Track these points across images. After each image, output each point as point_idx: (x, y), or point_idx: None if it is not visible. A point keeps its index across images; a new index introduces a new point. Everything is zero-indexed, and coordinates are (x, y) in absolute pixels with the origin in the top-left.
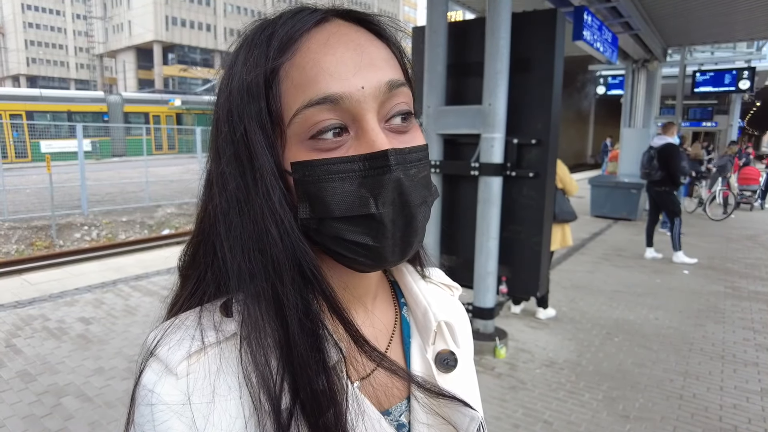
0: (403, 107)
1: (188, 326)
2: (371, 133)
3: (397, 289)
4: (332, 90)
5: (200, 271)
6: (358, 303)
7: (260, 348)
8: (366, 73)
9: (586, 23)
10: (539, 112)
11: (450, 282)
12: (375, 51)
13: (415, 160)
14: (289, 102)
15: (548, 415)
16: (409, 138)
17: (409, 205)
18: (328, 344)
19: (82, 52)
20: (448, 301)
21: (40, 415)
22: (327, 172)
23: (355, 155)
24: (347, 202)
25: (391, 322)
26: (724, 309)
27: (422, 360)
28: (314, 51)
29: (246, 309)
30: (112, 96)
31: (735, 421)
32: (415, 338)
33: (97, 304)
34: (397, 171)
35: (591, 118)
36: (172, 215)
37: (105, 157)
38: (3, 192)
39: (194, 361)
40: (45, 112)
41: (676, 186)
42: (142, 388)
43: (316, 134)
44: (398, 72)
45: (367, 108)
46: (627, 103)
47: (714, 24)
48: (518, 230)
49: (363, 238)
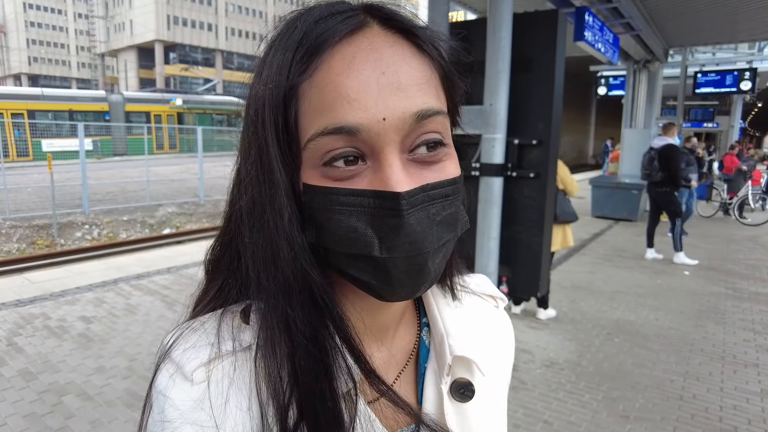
0: (431, 137)
1: (207, 331)
2: (387, 169)
3: (422, 307)
4: (349, 120)
5: (225, 273)
6: (379, 327)
7: (273, 362)
8: (391, 102)
9: (587, 24)
10: (540, 112)
11: (495, 292)
12: (408, 72)
13: (440, 197)
14: (305, 125)
15: (548, 415)
16: (437, 169)
17: (421, 253)
18: (339, 372)
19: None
20: (486, 318)
21: (41, 414)
22: (334, 203)
23: (364, 190)
24: (351, 239)
25: (411, 343)
26: (724, 310)
27: (435, 389)
28: (336, 71)
29: (264, 320)
30: (113, 95)
31: (735, 422)
32: (431, 364)
33: (98, 303)
34: (408, 216)
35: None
36: (173, 214)
37: (106, 156)
38: (4, 191)
39: (211, 367)
40: (46, 111)
41: (676, 187)
42: (156, 391)
43: (328, 161)
44: (435, 97)
45: (387, 141)
46: (628, 104)
47: (716, 25)
48: (519, 230)
49: (366, 277)
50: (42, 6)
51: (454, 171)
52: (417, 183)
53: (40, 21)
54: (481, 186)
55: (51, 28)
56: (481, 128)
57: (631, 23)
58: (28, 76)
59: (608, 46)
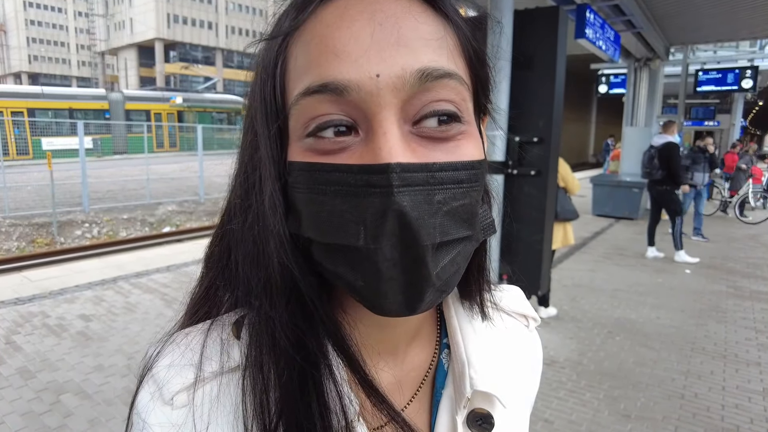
0: (443, 106)
1: (192, 347)
2: (381, 138)
3: (443, 324)
4: (335, 76)
5: (214, 270)
6: (387, 343)
7: (259, 381)
8: (386, 55)
9: (588, 21)
10: (541, 110)
11: (528, 311)
12: (414, 26)
13: (450, 182)
14: (290, 87)
15: (549, 414)
16: (450, 149)
17: (416, 244)
18: (334, 400)
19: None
20: (514, 341)
21: (39, 412)
22: (317, 181)
23: (350, 164)
24: (334, 225)
25: (426, 363)
26: (726, 308)
27: (450, 418)
28: (326, 23)
29: (252, 333)
30: (113, 93)
31: (737, 421)
32: (447, 390)
33: (97, 301)
34: (400, 195)
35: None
36: (173, 213)
37: (106, 155)
38: (4, 189)
39: (192, 391)
40: (46, 110)
41: (677, 185)
42: (136, 413)
43: (313, 131)
44: (446, 57)
45: (382, 103)
46: (629, 102)
47: (717, 23)
48: (519, 229)
49: (351, 275)
50: (42, 4)
51: (473, 153)
52: (420, 159)
53: (41, 19)
54: None
55: (51, 27)
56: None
57: (632, 21)
58: (29, 74)
59: (609, 43)
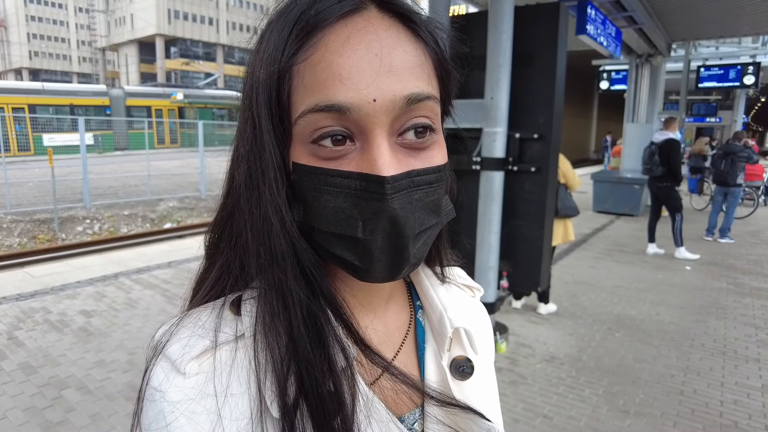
0: (420, 121)
1: (202, 323)
2: (375, 151)
3: (414, 292)
4: (340, 99)
5: (225, 250)
6: (369, 305)
7: (271, 345)
8: (382, 84)
9: (589, 17)
10: (541, 106)
11: (471, 283)
12: (402, 56)
13: (424, 184)
14: (297, 102)
15: (548, 409)
16: (425, 156)
17: (402, 236)
18: (335, 346)
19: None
20: (468, 305)
21: (41, 407)
22: (322, 183)
23: (351, 172)
24: (336, 219)
25: (404, 324)
26: (726, 305)
27: (437, 366)
28: (331, 51)
29: (262, 301)
30: (114, 90)
31: (735, 417)
32: (429, 343)
33: (99, 297)
34: (392, 201)
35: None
36: (174, 209)
37: (107, 151)
38: (6, 185)
39: (204, 359)
40: (47, 106)
41: (677, 182)
42: (151, 388)
43: (316, 139)
44: (427, 82)
45: (377, 122)
46: (630, 99)
47: (719, 19)
48: (520, 225)
49: (349, 256)
50: (42, 0)
51: (440, 159)
52: (403, 169)
53: (41, 15)
54: (482, 180)
55: (52, 23)
56: (482, 122)
57: (633, 17)
58: (29, 70)
59: (611, 39)
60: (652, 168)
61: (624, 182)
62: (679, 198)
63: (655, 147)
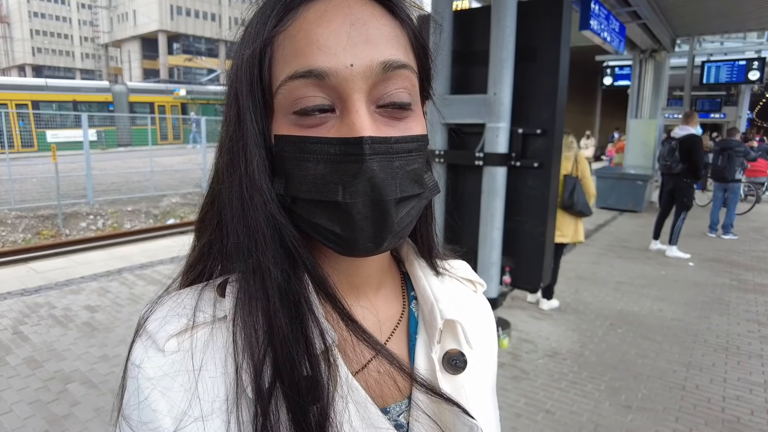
0: (399, 97)
1: (184, 303)
2: (353, 115)
3: (408, 282)
4: (318, 64)
5: (209, 231)
6: (357, 291)
7: (249, 327)
8: (359, 50)
9: (593, 12)
10: (545, 101)
11: (474, 277)
12: (377, 27)
13: (403, 152)
14: (277, 72)
15: (550, 405)
16: (403, 126)
17: (382, 200)
18: (314, 328)
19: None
20: (466, 298)
21: (46, 401)
22: (303, 151)
23: (331, 137)
24: (317, 185)
25: (396, 314)
26: (729, 301)
27: (427, 358)
28: (309, 21)
29: (241, 283)
30: (117, 86)
31: (738, 413)
32: (421, 335)
33: (102, 292)
34: (371, 161)
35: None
36: (177, 205)
37: (110, 147)
38: (10, 181)
39: (183, 338)
40: (50, 102)
41: (697, 178)
42: (131, 363)
43: (299, 111)
44: (402, 53)
45: (354, 87)
46: (634, 94)
47: (724, 13)
48: (522, 221)
49: (330, 225)
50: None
51: (419, 130)
52: (382, 134)
53: (44, 11)
54: (485, 176)
55: (54, 19)
56: (484, 117)
57: (637, 12)
58: (32, 66)
59: (614, 35)
60: (671, 164)
61: (627, 178)
62: (693, 197)
63: (675, 143)
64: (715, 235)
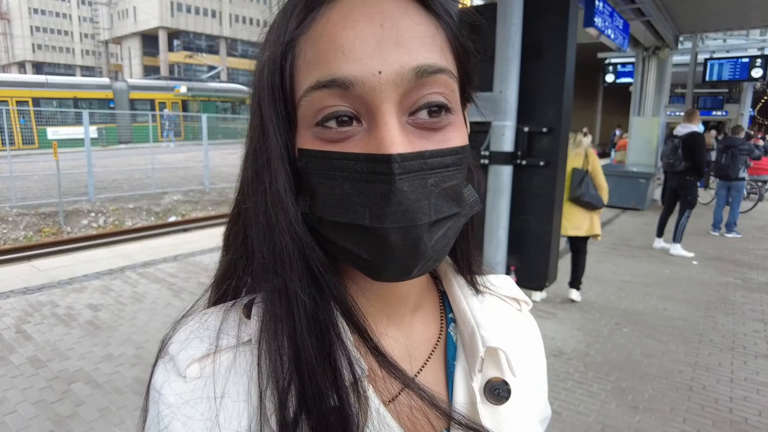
0: (434, 98)
1: (207, 326)
2: (382, 128)
3: (446, 301)
4: (342, 72)
5: (233, 248)
6: (391, 312)
7: (273, 351)
8: (388, 55)
9: (597, 9)
10: (551, 100)
11: (519, 294)
12: (410, 27)
13: (439, 167)
14: (300, 81)
15: (557, 405)
16: (440, 138)
17: (414, 225)
18: (342, 358)
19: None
20: (510, 320)
21: (50, 401)
22: (327, 167)
23: (357, 153)
24: (343, 206)
25: (433, 337)
26: (734, 300)
27: (466, 388)
28: (333, 23)
29: (267, 304)
30: (117, 83)
31: (745, 413)
32: (460, 361)
33: (105, 290)
34: (401, 182)
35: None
36: (178, 202)
37: (111, 144)
38: (11, 178)
39: (205, 364)
40: (51, 99)
41: (700, 176)
42: (152, 388)
43: (321, 121)
44: (439, 54)
45: (383, 97)
46: (636, 92)
47: (727, 11)
48: (528, 220)
49: (357, 249)
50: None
51: (459, 141)
52: (415, 149)
53: (44, 8)
54: (491, 174)
55: (55, 15)
56: (490, 115)
57: (641, 9)
58: (33, 63)
59: (618, 32)
60: (674, 162)
61: (630, 176)
62: (697, 195)
63: (678, 141)
64: (719, 233)
